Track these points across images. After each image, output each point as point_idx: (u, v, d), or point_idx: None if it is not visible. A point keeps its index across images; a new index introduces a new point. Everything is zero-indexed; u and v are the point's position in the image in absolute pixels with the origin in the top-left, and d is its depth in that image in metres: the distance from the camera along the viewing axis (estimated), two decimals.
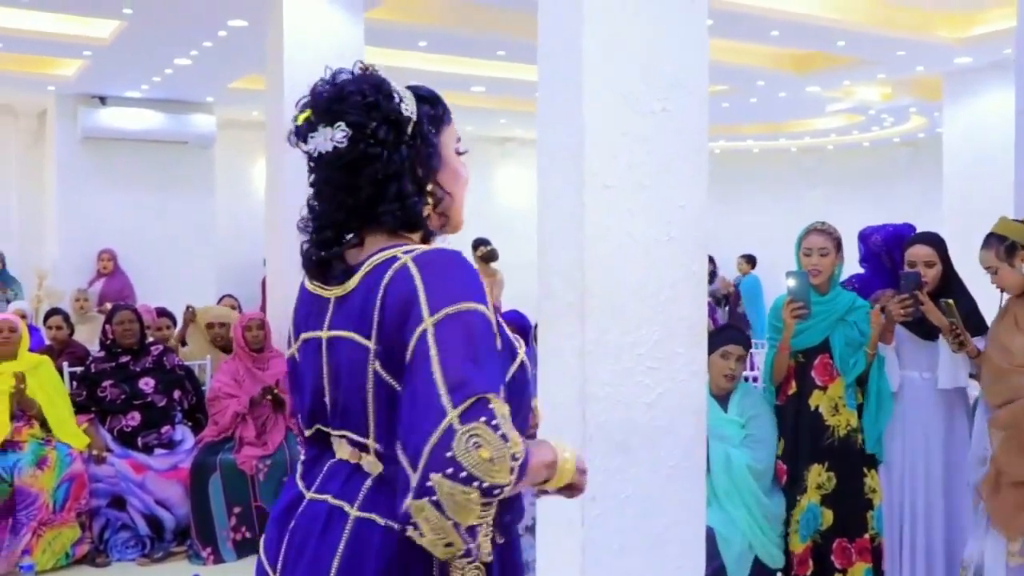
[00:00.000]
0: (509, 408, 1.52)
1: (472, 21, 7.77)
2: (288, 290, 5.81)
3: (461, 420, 1.41)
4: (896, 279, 3.92)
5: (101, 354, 5.67)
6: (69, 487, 5.04)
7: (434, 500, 1.39)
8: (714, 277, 12.85)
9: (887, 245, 4.11)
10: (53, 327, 6.32)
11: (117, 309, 5.83)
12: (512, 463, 1.42)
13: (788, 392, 3.97)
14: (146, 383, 5.50)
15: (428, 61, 8.97)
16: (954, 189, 9.26)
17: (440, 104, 1.75)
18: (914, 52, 8.49)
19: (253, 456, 5.29)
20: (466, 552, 1.44)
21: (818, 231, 3.93)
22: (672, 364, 2.85)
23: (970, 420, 3.89)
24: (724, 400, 3.99)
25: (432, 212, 1.71)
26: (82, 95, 10.36)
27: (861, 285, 4.15)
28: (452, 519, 1.39)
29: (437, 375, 1.45)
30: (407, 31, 7.71)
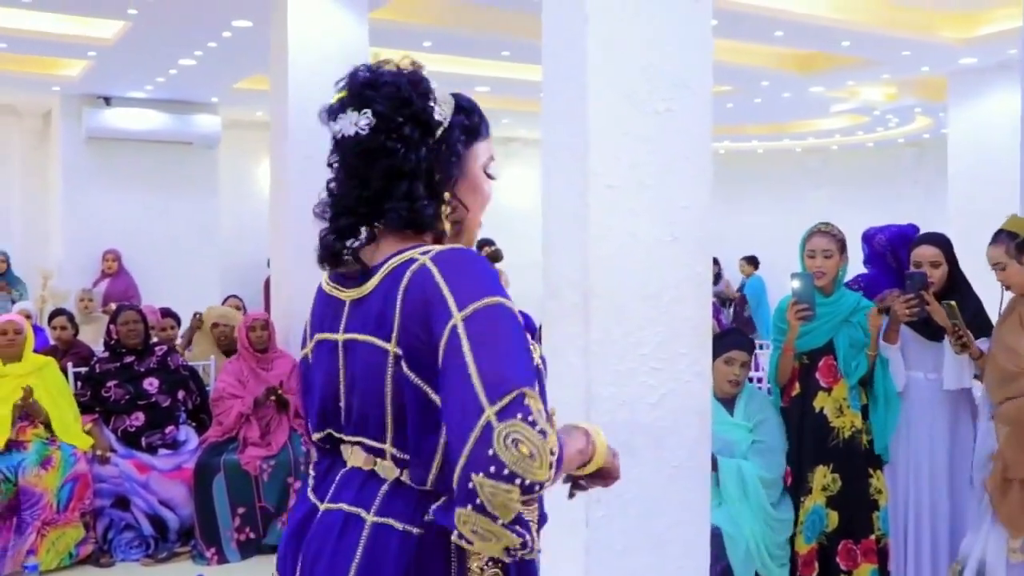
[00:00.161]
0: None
1: (476, 21, 7.77)
2: (292, 291, 5.85)
3: (499, 417, 1.39)
4: (901, 279, 3.91)
5: (105, 354, 5.67)
6: (73, 487, 5.04)
7: (477, 504, 1.38)
8: (719, 279, 12.83)
9: (891, 245, 4.10)
10: (57, 327, 6.33)
11: (121, 309, 5.83)
12: (551, 458, 1.41)
13: (792, 394, 3.96)
14: (150, 383, 5.50)
15: (432, 61, 8.84)
16: (959, 190, 9.24)
17: (477, 118, 1.75)
18: (919, 52, 8.48)
19: (257, 456, 5.29)
20: (523, 544, 1.43)
21: (822, 232, 3.92)
22: (676, 365, 2.84)
23: (975, 421, 3.88)
24: (729, 404, 3.98)
25: (447, 221, 1.69)
26: (87, 95, 10.37)
27: (867, 285, 4.14)
28: (498, 518, 1.39)
29: (472, 372, 1.43)
30: (411, 31, 7.70)
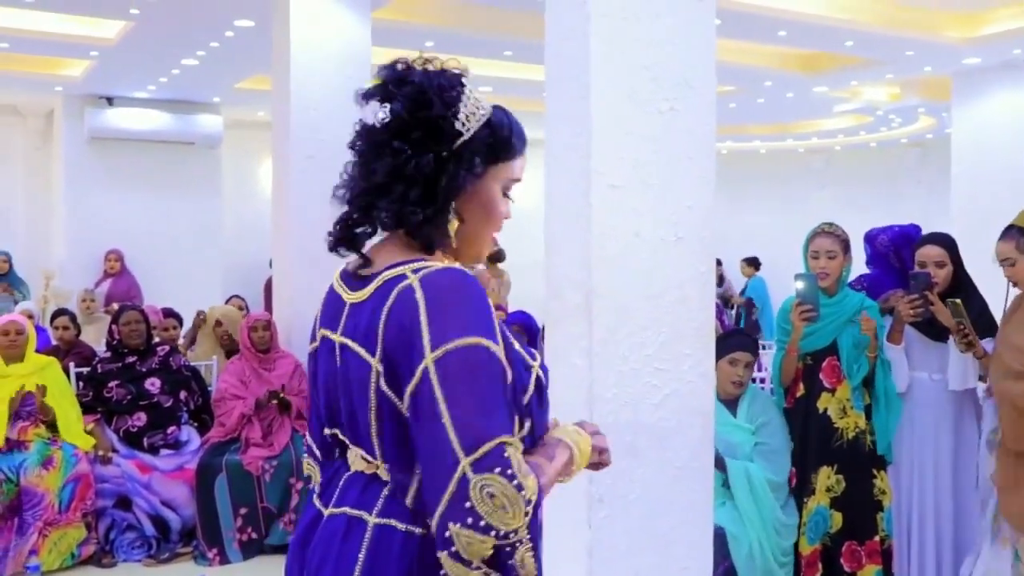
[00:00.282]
0: (531, 423, 1.58)
1: (479, 21, 7.75)
2: (293, 291, 5.84)
3: (474, 469, 1.42)
4: (904, 279, 3.89)
5: (107, 354, 5.66)
6: (75, 487, 5.04)
7: (453, 551, 1.43)
8: (722, 280, 12.81)
9: (894, 245, 4.08)
10: (60, 327, 6.32)
11: (123, 309, 5.82)
12: (527, 508, 1.44)
13: (796, 394, 3.95)
14: (152, 383, 5.50)
15: None
16: (962, 190, 9.22)
17: (507, 137, 1.68)
18: (922, 52, 8.45)
19: (259, 457, 5.28)
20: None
21: (826, 233, 3.90)
22: (680, 365, 2.84)
23: (979, 422, 3.87)
24: (733, 405, 3.96)
25: (451, 232, 1.66)
26: (89, 95, 10.36)
27: (870, 285, 4.13)
28: (471, 563, 1.44)
29: (446, 420, 1.44)
30: (414, 31, 7.69)
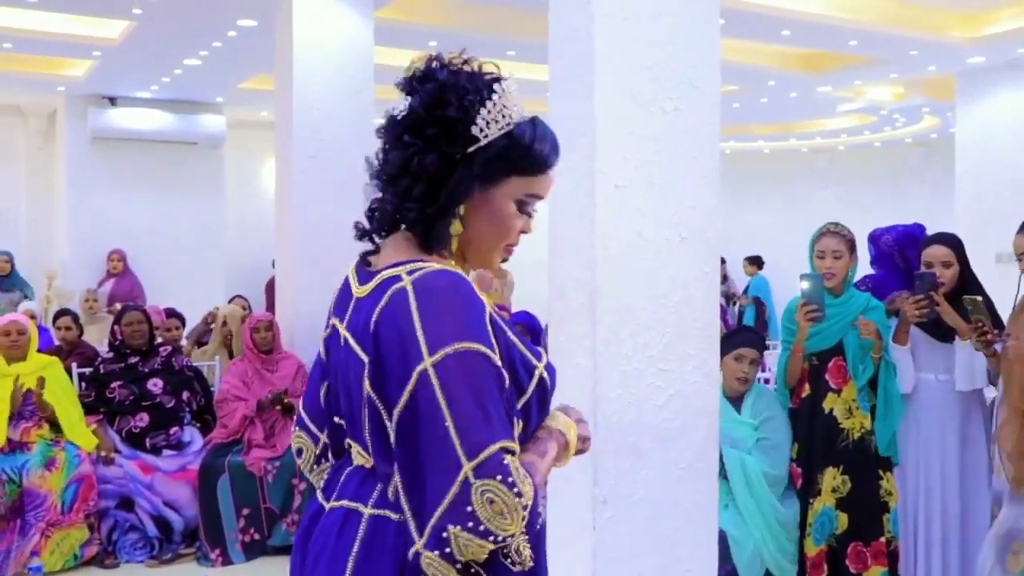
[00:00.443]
0: (524, 425, 1.60)
1: (482, 21, 7.74)
2: (296, 291, 5.83)
3: (476, 474, 1.43)
4: (909, 279, 3.88)
5: (110, 355, 5.66)
6: (77, 488, 5.03)
7: (447, 552, 1.44)
8: (725, 278, 12.81)
9: (899, 245, 4.07)
10: (62, 328, 6.32)
11: (126, 310, 5.82)
12: (524, 512, 1.46)
13: (802, 395, 3.93)
14: (155, 384, 5.49)
15: None
16: (966, 189, 9.20)
17: (525, 152, 1.64)
18: (927, 52, 8.43)
19: (262, 458, 5.27)
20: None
21: (832, 233, 3.88)
22: (684, 366, 2.82)
23: (987, 422, 3.85)
24: (737, 402, 3.96)
25: (452, 235, 1.64)
26: (92, 95, 10.36)
27: (875, 285, 4.11)
28: (459, 562, 1.46)
29: (449, 423, 1.45)
30: (417, 31, 7.68)
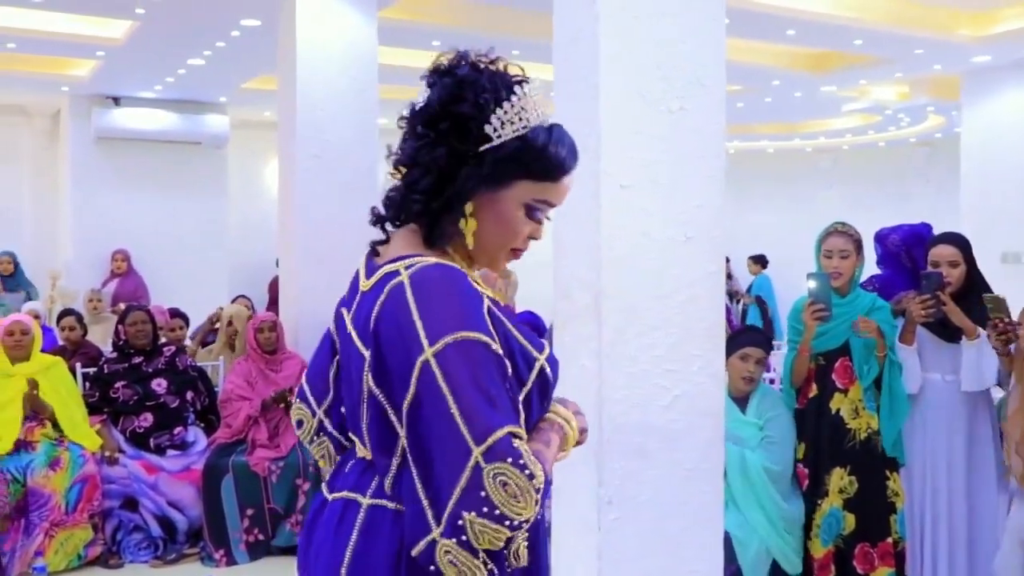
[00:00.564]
0: (532, 411, 1.60)
1: (486, 20, 7.73)
2: (300, 291, 5.82)
3: (486, 459, 1.43)
4: (916, 279, 3.86)
5: (114, 355, 5.66)
6: (82, 488, 5.02)
7: (463, 540, 1.43)
8: (729, 276, 12.80)
9: (905, 244, 4.05)
10: (66, 328, 6.31)
11: (130, 310, 5.82)
12: (536, 495, 1.46)
13: (808, 395, 3.91)
14: (158, 384, 5.49)
15: None
16: (972, 189, 9.18)
17: (537, 157, 1.63)
18: (932, 51, 8.41)
19: (266, 458, 5.26)
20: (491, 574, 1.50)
21: (839, 232, 3.86)
22: (690, 366, 2.81)
23: (994, 423, 3.84)
24: (743, 402, 3.95)
25: (462, 231, 1.65)
26: (96, 95, 10.37)
27: (881, 285, 4.09)
28: (478, 553, 1.45)
29: (454, 411, 1.46)
30: (420, 30, 7.68)
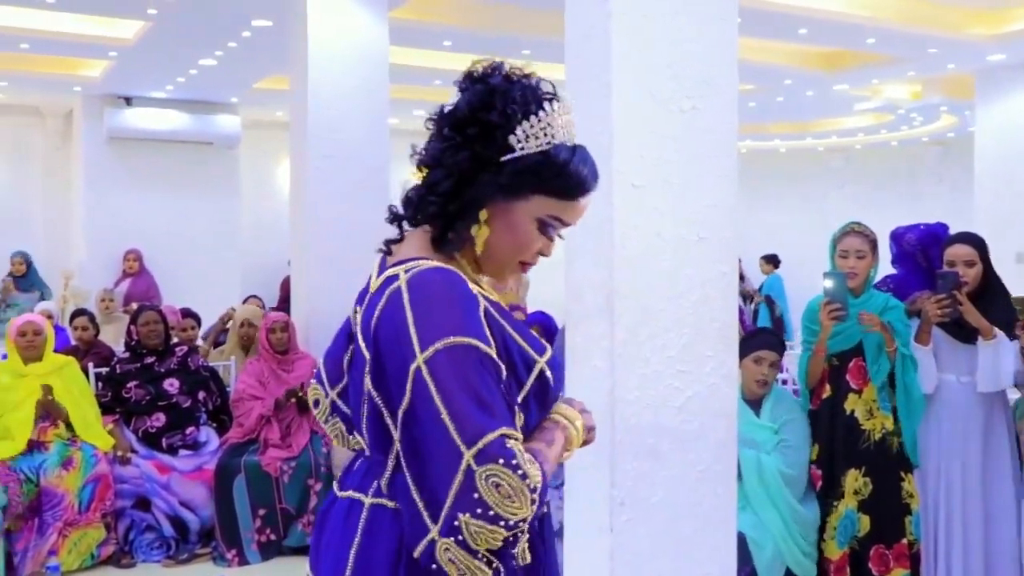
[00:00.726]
0: (530, 414, 1.61)
1: (497, 20, 7.73)
2: (311, 291, 5.83)
3: (477, 461, 1.44)
4: (931, 279, 3.84)
5: (126, 355, 5.67)
6: (94, 488, 5.04)
7: (460, 540, 1.45)
8: (742, 276, 12.76)
9: (921, 244, 4.02)
10: (79, 328, 6.33)
11: (142, 310, 5.83)
12: (532, 495, 1.46)
13: (822, 396, 3.89)
14: (171, 384, 5.49)
15: (453, 60, 8.92)
16: (985, 189, 9.14)
17: (557, 174, 1.63)
18: (946, 50, 8.38)
19: (278, 458, 5.27)
20: (495, 573, 1.50)
21: (855, 232, 3.83)
22: (702, 367, 2.80)
23: (1010, 424, 3.81)
24: (756, 404, 3.93)
25: (473, 236, 1.65)
26: (108, 96, 10.40)
27: (896, 286, 4.07)
28: (477, 553, 1.46)
29: (445, 417, 1.47)
30: (431, 30, 7.68)
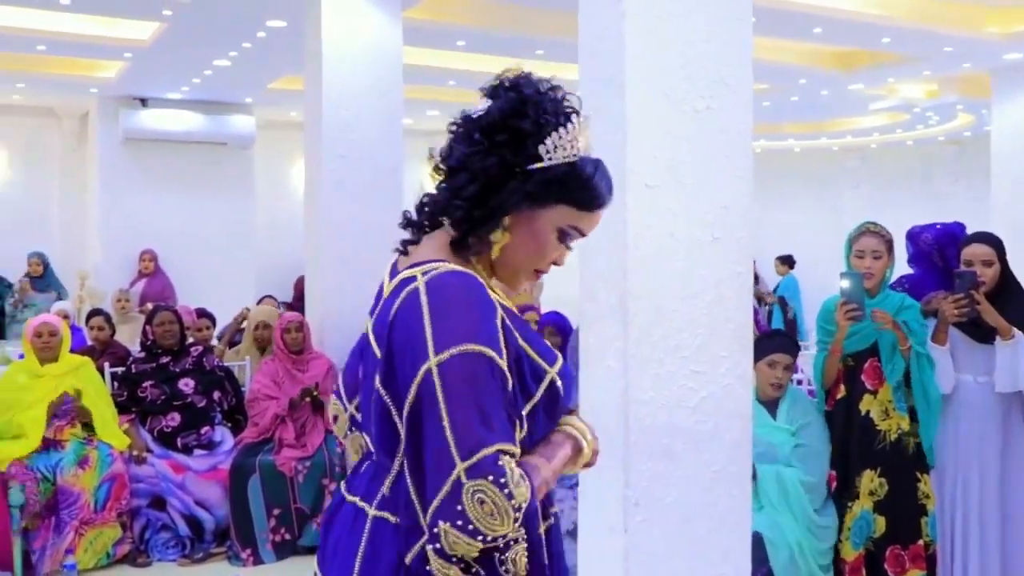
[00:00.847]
0: (528, 429, 1.61)
1: (511, 20, 7.72)
2: (326, 291, 5.84)
3: (468, 475, 1.46)
4: (947, 279, 3.81)
5: (142, 355, 5.69)
6: (110, 487, 5.06)
7: (438, 547, 1.47)
8: (756, 278, 12.73)
9: (938, 243, 4.00)
10: (95, 328, 6.35)
11: (157, 310, 5.86)
12: (516, 514, 1.48)
13: (837, 396, 3.88)
14: (186, 384, 5.52)
15: (466, 60, 8.94)
16: (1002, 188, 9.08)
17: (581, 186, 1.66)
18: (962, 48, 8.33)
19: (292, 458, 5.28)
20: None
21: (872, 233, 3.81)
22: (717, 367, 2.80)
23: None
24: (772, 406, 3.92)
25: (493, 242, 1.67)
26: (123, 97, 10.44)
27: (912, 286, 4.05)
28: (452, 556, 1.48)
29: (446, 424, 1.49)
30: (445, 30, 7.68)
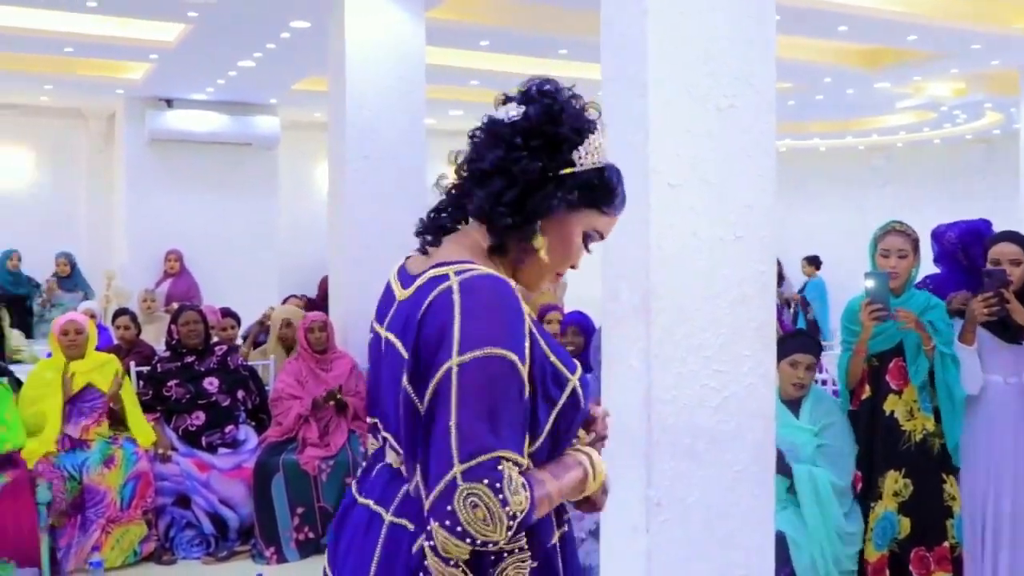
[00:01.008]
0: (552, 438, 1.61)
1: (534, 20, 7.72)
2: (350, 291, 5.86)
3: (464, 477, 1.46)
4: (972, 278, 3.77)
5: (167, 354, 5.74)
6: (136, 485, 5.10)
7: (431, 545, 1.49)
8: (782, 280, 12.65)
9: (962, 242, 3.96)
10: (121, 327, 6.41)
11: (182, 310, 5.90)
12: (510, 522, 1.47)
13: (862, 396, 3.85)
14: (210, 383, 5.55)
15: (490, 60, 8.94)
16: None
17: (609, 191, 1.70)
18: (989, 45, 8.25)
19: (316, 457, 5.30)
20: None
21: (897, 232, 3.76)
22: (739, 367, 2.79)
23: None
24: (795, 406, 3.89)
25: (536, 248, 1.68)
26: (149, 98, 10.50)
27: (936, 286, 4.00)
28: (449, 561, 1.51)
29: (452, 424, 1.49)
30: (468, 30, 7.69)
